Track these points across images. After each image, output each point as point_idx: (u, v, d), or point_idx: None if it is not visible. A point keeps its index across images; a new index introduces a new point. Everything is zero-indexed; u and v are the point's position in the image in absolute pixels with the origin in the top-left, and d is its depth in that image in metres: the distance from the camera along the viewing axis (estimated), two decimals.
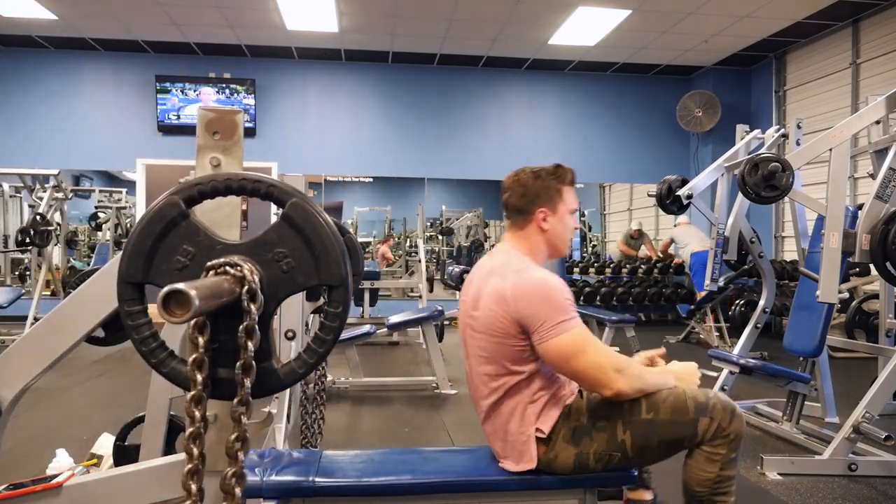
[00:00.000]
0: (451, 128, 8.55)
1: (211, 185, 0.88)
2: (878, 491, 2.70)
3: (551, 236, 1.82)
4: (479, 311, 1.72)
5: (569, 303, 1.67)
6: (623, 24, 6.82)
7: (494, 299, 1.68)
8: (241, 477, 0.84)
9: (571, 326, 1.63)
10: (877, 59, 6.43)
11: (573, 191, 1.88)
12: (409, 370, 5.24)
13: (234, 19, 6.88)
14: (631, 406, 1.68)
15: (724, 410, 1.66)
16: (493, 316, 1.68)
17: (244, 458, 0.84)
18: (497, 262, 1.78)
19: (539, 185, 1.81)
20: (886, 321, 3.70)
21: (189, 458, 0.82)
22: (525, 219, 1.81)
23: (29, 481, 1.17)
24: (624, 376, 1.63)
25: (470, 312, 1.76)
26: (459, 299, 1.88)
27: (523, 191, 1.81)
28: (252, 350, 0.81)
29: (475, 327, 1.73)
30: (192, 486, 0.82)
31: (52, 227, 6.41)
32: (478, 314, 1.72)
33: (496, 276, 1.72)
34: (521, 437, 1.70)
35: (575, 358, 1.62)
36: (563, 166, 1.86)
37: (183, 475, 0.82)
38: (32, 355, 1.16)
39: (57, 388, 4.33)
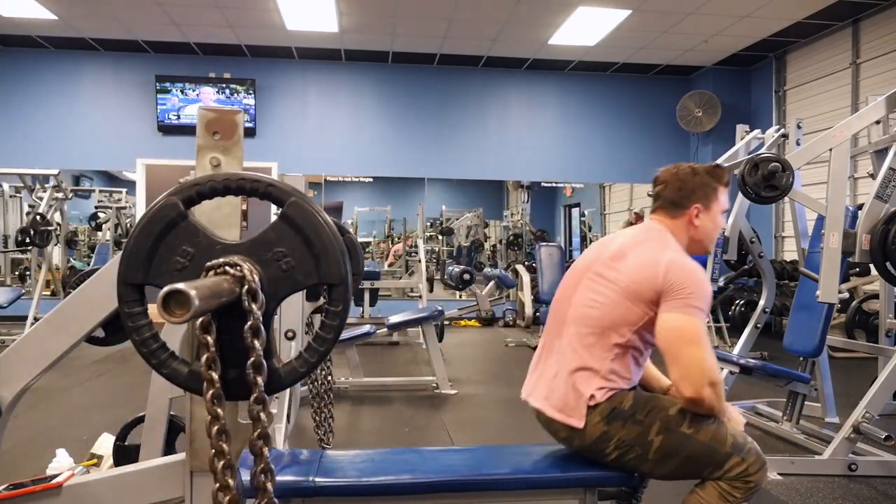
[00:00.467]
0: (451, 128, 8.55)
1: (210, 185, 0.88)
2: (878, 491, 2.70)
3: (700, 233, 1.85)
4: (622, 265, 1.74)
5: (709, 300, 1.70)
6: (623, 24, 6.82)
7: (645, 264, 1.71)
8: (269, 472, 0.85)
9: (701, 317, 1.66)
10: (877, 59, 6.43)
11: (727, 192, 1.91)
12: (409, 370, 5.24)
13: (234, 19, 6.88)
14: (677, 414, 1.69)
15: (757, 458, 1.67)
16: (635, 277, 1.71)
17: (269, 454, 0.86)
18: (653, 236, 1.81)
19: (697, 182, 1.84)
20: (886, 321, 3.70)
21: (220, 454, 0.84)
22: (679, 212, 1.84)
23: (29, 481, 1.17)
24: (713, 389, 1.63)
25: (609, 262, 1.77)
26: (590, 249, 1.91)
27: (680, 185, 1.84)
28: (260, 349, 0.82)
29: (606, 275, 1.75)
30: (229, 481, 0.84)
31: (52, 227, 6.41)
32: (619, 266, 1.74)
33: (651, 246, 1.76)
34: (582, 395, 1.71)
35: (689, 344, 1.65)
36: (720, 166, 1.91)
37: (217, 471, 0.84)
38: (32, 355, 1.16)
39: (57, 388, 4.33)
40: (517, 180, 10.09)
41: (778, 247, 7.88)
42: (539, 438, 3.16)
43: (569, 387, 1.73)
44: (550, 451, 1.88)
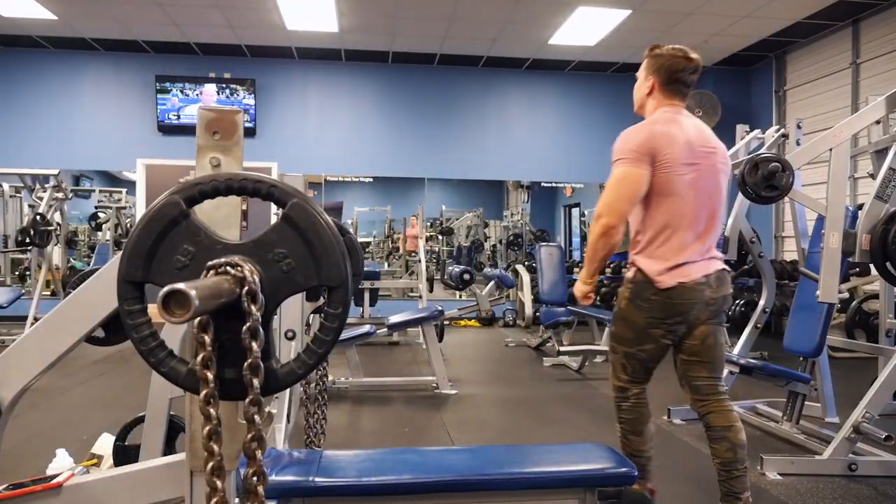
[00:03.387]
0: (451, 128, 8.55)
1: (212, 184, 0.88)
2: (878, 491, 2.70)
3: None
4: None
5: (626, 149, 2.15)
6: (623, 24, 6.82)
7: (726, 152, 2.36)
8: (262, 475, 0.85)
9: (620, 167, 2.17)
10: (877, 59, 6.43)
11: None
12: (409, 370, 5.24)
13: (234, 19, 6.88)
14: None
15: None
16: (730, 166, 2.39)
17: (262, 456, 0.85)
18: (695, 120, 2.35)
19: None
20: (886, 321, 3.70)
21: (210, 455, 0.83)
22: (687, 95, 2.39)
23: (29, 481, 1.17)
24: (596, 223, 2.17)
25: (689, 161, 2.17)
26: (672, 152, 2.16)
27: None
28: (258, 350, 0.82)
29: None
30: (217, 483, 0.83)
31: (52, 227, 6.41)
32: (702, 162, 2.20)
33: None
34: None
35: (607, 187, 2.20)
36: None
37: (206, 473, 0.83)
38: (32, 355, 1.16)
39: (57, 388, 4.33)
40: (517, 180, 10.09)
41: (778, 247, 7.89)
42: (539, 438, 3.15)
43: None
44: (550, 451, 1.88)
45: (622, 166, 2.13)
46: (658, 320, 2.15)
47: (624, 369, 2.27)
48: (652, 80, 2.29)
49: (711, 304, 2.15)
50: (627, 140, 2.15)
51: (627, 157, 2.13)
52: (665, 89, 2.29)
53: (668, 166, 2.11)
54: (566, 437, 3.44)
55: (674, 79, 2.29)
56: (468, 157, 8.55)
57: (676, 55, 2.29)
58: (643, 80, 2.33)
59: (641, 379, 2.28)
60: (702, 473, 2.95)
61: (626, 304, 2.22)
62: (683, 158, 2.13)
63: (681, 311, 2.12)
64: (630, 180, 2.12)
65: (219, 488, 0.83)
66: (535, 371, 5.33)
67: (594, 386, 4.72)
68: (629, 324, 2.21)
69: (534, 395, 4.46)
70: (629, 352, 2.23)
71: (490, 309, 8.02)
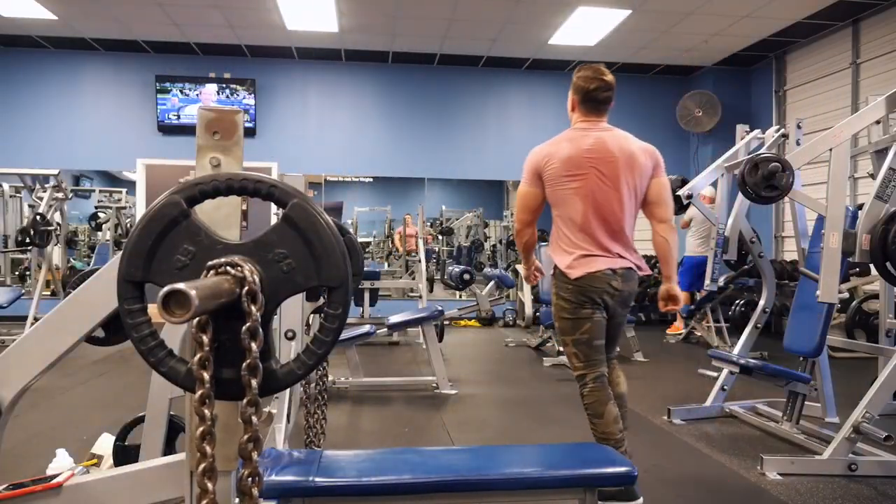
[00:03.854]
0: (451, 128, 8.55)
1: (212, 184, 0.88)
2: (878, 491, 2.70)
3: None
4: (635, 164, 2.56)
5: (528, 167, 2.61)
6: (623, 24, 6.82)
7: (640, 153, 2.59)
8: (257, 476, 0.85)
9: (522, 182, 2.66)
10: (877, 59, 6.43)
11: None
12: (409, 370, 5.24)
13: (234, 19, 6.88)
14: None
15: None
16: (645, 166, 2.60)
17: (258, 458, 0.85)
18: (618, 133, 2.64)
19: None
20: (886, 321, 3.70)
21: (203, 456, 0.82)
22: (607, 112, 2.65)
23: (29, 481, 1.17)
24: (516, 234, 2.69)
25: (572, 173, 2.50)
26: (553, 167, 2.53)
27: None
28: (257, 351, 0.81)
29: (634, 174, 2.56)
30: (208, 485, 0.83)
31: (52, 227, 6.41)
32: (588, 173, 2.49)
33: (629, 140, 2.64)
34: None
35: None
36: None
37: (197, 474, 0.82)
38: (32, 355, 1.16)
39: (57, 388, 4.33)
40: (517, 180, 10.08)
41: (778, 247, 7.88)
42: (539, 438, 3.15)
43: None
44: (550, 451, 1.88)
45: (521, 185, 2.63)
46: (580, 303, 2.45)
47: (577, 357, 2.50)
48: (572, 98, 2.62)
49: (618, 294, 2.48)
50: (527, 161, 2.63)
51: (523, 177, 2.62)
52: (582, 107, 2.60)
53: (552, 180, 2.52)
54: (566, 437, 3.43)
55: (588, 97, 2.57)
56: (468, 157, 8.54)
57: (590, 76, 2.57)
58: (569, 98, 2.65)
59: (595, 361, 2.49)
60: (702, 473, 2.95)
61: (556, 298, 2.54)
62: (563, 172, 2.49)
63: (592, 296, 2.44)
64: (524, 197, 2.61)
65: (209, 490, 0.82)
66: (535, 371, 5.33)
67: None
68: (564, 314, 2.50)
69: (534, 395, 4.46)
70: (575, 339, 2.48)
71: (490, 309, 8.02)
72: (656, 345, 6.54)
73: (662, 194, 2.59)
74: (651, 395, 4.38)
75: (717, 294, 5.87)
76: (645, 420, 3.79)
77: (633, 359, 5.61)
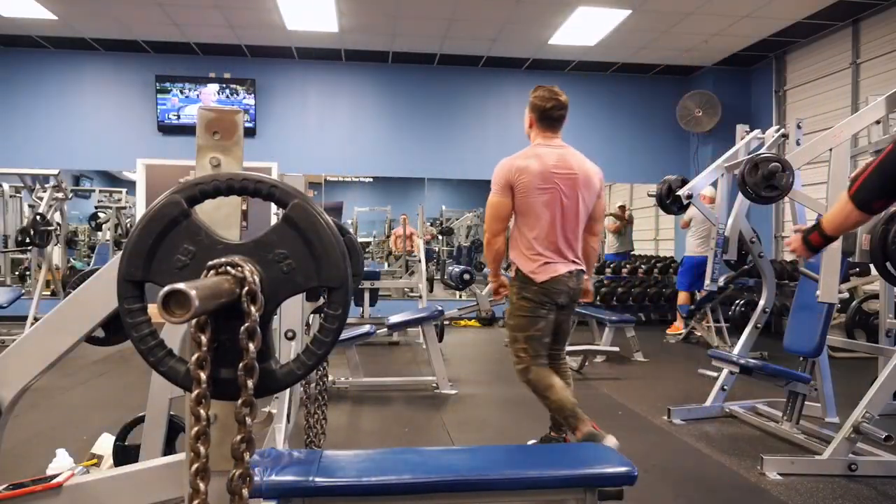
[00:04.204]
0: (451, 128, 8.55)
1: (213, 184, 0.88)
2: (878, 491, 2.70)
3: None
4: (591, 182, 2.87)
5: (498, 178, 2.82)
6: (623, 24, 6.82)
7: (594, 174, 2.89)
8: (247, 477, 0.84)
9: (492, 194, 2.84)
10: (877, 59, 6.43)
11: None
12: (409, 370, 5.24)
13: (234, 19, 6.88)
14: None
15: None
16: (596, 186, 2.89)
17: (249, 458, 0.84)
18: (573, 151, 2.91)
19: None
20: (886, 321, 3.70)
21: (196, 456, 0.82)
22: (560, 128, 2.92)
23: (29, 481, 1.17)
24: (484, 240, 2.88)
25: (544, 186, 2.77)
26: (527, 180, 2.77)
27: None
28: (254, 351, 0.81)
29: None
30: (200, 485, 0.82)
31: (52, 227, 6.41)
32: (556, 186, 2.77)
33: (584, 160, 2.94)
34: None
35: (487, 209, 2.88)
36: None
37: (190, 474, 0.82)
38: (32, 355, 1.16)
39: (57, 388, 4.33)
40: None
41: (778, 247, 7.88)
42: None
43: None
44: (550, 451, 1.88)
45: (492, 196, 2.82)
46: (541, 304, 2.76)
47: (526, 351, 2.80)
48: (530, 116, 2.88)
49: (572, 292, 2.82)
50: (497, 174, 2.82)
51: (495, 188, 2.81)
52: (539, 124, 2.87)
53: (524, 192, 2.76)
54: None
55: (545, 115, 2.85)
56: (468, 157, 8.54)
57: (546, 96, 2.83)
58: (527, 115, 2.90)
59: (540, 356, 2.82)
60: (702, 473, 2.95)
61: (517, 298, 2.80)
62: (537, 184, 2.75)
63: (553, 297, 2.77)
64: (496, 207, 2.81)
65: (201, 490, 0.82)
66: None
67: (594, 386, 4.72)
68: (524, 312, 2.78)
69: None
70: (529, 335, 2.78)
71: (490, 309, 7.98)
72: (656, 345, 6.53)
73: (602, 213, 3.05)
74: (651, 395, 4.38)
75: (717, 294, 5.87)
76: (645, 420, 3.79)
77: (633, 359, 5.61)
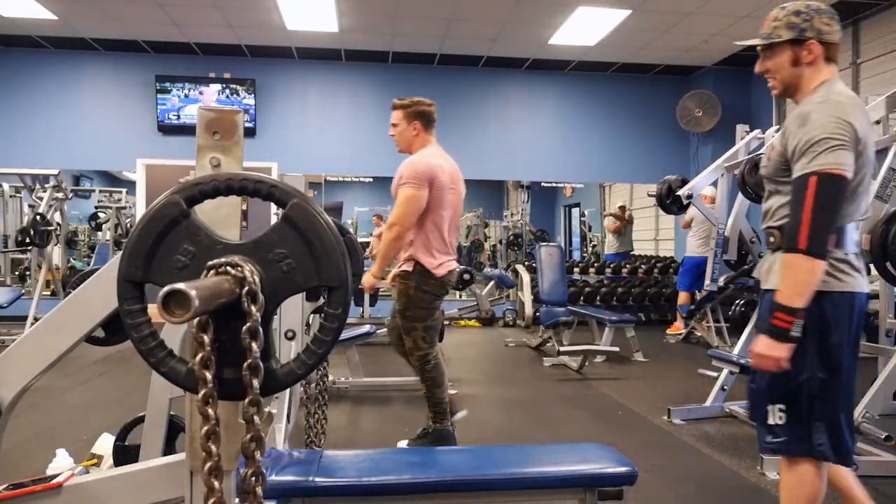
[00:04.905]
0: (451, 128, 8.53)
1: (212, 184, 0.88)
2: (878, 491, 2.70)
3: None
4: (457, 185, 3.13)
5: (418, 174, 2.93)
6: (623, 25, 6.82)
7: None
8: (260, 476, 0.85)
9: (408, 189, 2.93)
10: (877, 59, 6.43)
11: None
12: (409, 370, 5.21)
13: (234, 19, 6.88)
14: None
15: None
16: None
17: (261, 457, 0.85)
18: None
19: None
20: (886, 321, 3.70)
21: (208, 455, 0.82)
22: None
23: (29, 481, 1.17)
24: (389, 231, 2.93)
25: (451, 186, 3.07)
26: (443, 179, 3.01)
27: None
28: (257, 351, 0.81)
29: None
30: (214, 484, 0.83)
31: (52, 227, 6.41)
32: (456, 188, 3.13)
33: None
34: None
35: (398, 206, 2.96)
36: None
37: (203, 473, 0.82)
38: (32, 355, 1.16)
39: (57, 388, 4.33)
40: (517, 180, 10.09)
41: None
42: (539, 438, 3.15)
43: None
44: (550, 451, 1.88)
45: (410, 189, 2.91)
46: (437, 296, 3.02)
47: (424, 339, 3.01)
48: (417, 123, 3.09)
49: (450, 286, 3.09)
50: (415, 169, 2.95)
51: (414, 182, 2.92)
52: (427, 130, 3.13)
53: (439, 189, 2.96)
54: (566, 437, 3.44)
55: (430, 121, 3.13)
56: (468, 157, 8.51)
57: (426, 102, 3.13)
58: (406, 126, 3.09)
59: (434, 342, 3.07)
60: (702, 473, 2.95)
61: (415, 291, 2.97)
62: (448, 184, 3.01)
63: (446, 289, 3.05)
64: (417, 201, 2.92)
65: (216, 488, 0.83)
66: (535, 371, 5.34)
67: (594, 386, 4.72)
68: (424, 304, 2.98)
69: (534, 395, 4.46)
70: (427, 325, 3.00)
71: (490, 309, 8.02)
72: (656, 345, 6.53)
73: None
74: (651, 395, 4.38)
75: (717, 294, 5.86)
76: (645, 420, 3.79)
77: (633, 359, 5.61)
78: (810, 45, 1.75)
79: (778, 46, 1.78)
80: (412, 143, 3.12)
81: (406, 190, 2.92)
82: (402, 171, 2.98)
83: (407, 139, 3.12)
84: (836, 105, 1.69)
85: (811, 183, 1.64)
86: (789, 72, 1.79)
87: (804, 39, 1.75)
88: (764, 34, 1.81)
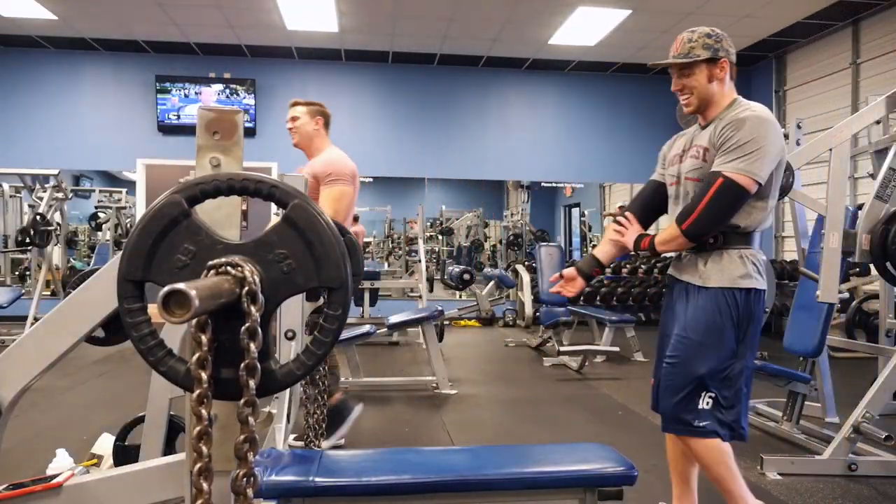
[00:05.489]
0: (451, 128, 8.55)
1: (213, 184, 0.88)
2: (878, 491, 2.70)
3: None
4: None
5: (343, 172, 3.04)
6: (623, 24, 6.82)
7: None
8: (251, 477, 0.84)
9: (337, 186, 3.03)
10: (877, 59, 6.43)
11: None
12: (409, 370, 5.24)
13: (234, 19, 6.88)
14: None
15: None
16: None
17: (253, 458, 0.85)
18: None
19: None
20: (886, 321, 3.70)
21: (198, 456, 0.82)
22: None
23: (29, 481, 1.17)
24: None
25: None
26: (357, 180, 3.24)
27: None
28: (255, 351, 0.81)
29: None
30: (203, 485, 0.82)
31: (52, 227, 6.41)
32: None
33: None
34: None
35: (326, 203, 2.98)
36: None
37: (192, 474, 0.82)
38: (32, 355, 1.16)
39: (57, 388, 4.33)
40: (517, 180, 10.09)
41: (778, 247, 7.88)
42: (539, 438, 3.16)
43: None
44: (550, 451, 1.88)
45: (342, 186, 3.02)
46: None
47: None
48: (319, 119, 3.23)
49: None
50: (343, 166, 3.07)
51: (345, 178, 3.04)
52: (327, 128, 3.29)
53: (357, 189, 3.18)
54: (566, 437, 3.43)
55: (329, 124, 3.32)
56: (468, 157, 8.54)
57: (322, 103, 3.31)
58: (309, 120, 3.20)
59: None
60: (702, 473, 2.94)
61: None
62: (357, 183, 3.19)
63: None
64: (348, 197, 3.07)
65: (204, 490, 0.82)
66: (535, 371, 5.33)
67: (594, 386, 4.72)
68: None
69: (534, 395, 4.46)
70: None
71: (490, 309, 8.03)
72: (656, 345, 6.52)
73: None
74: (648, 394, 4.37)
75: None
76: (645, 420, 3.79)
77: (633, 359, 5.61)
78: (723, 63, 2.00)
79: (696, 65, 1.99)
80: (313, 137, 3.21)
81: (340, 186, 2.99)
82: (326, 167, 3.02)
83: (308, 133, 3.20)
84: (769, 119, 1.90)
85: (717, 182, 1.86)
86: (706, 88, 2.01)
87: (718, 58, 1.99)
88: (681, 54, 2.00)
